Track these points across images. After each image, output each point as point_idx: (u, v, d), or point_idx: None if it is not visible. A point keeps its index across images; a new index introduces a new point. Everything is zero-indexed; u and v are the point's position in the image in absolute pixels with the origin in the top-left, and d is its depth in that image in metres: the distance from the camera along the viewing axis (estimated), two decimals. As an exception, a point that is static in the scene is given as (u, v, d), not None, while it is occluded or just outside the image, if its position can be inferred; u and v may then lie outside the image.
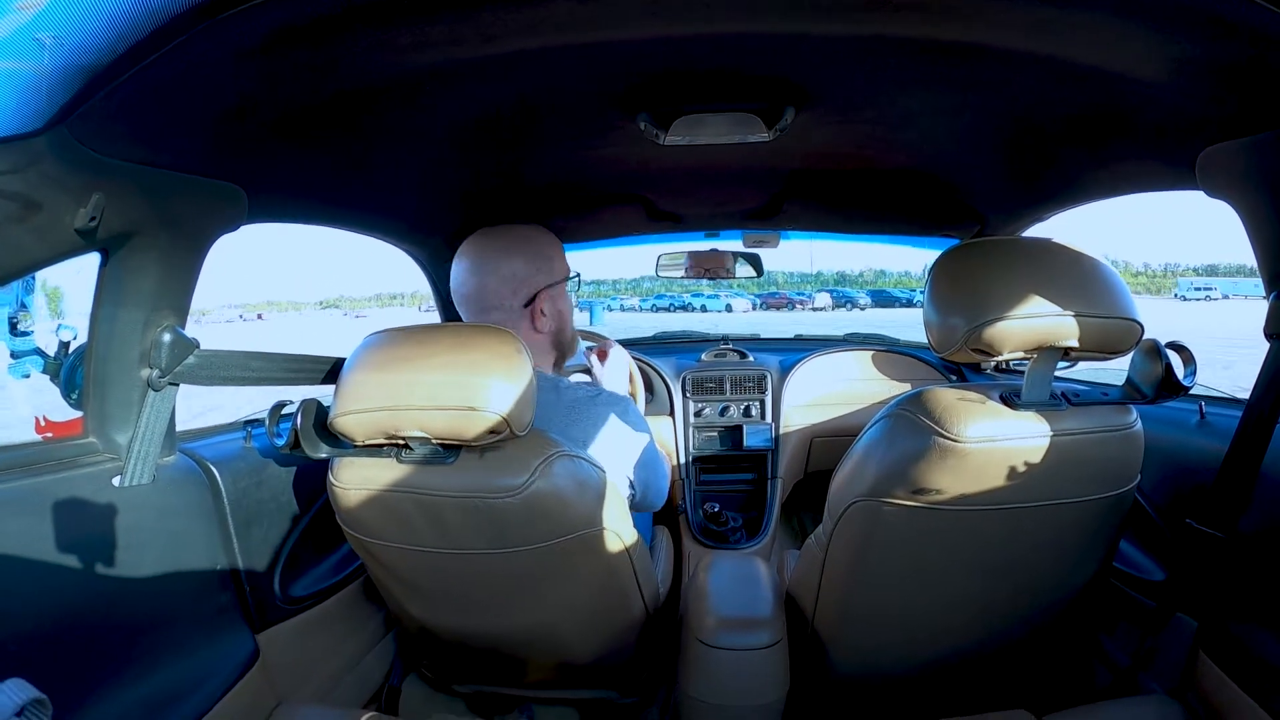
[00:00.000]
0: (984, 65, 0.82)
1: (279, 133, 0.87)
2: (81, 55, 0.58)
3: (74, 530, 0.81)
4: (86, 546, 0.82)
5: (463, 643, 1.03)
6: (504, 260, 1.04)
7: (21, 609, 0.74)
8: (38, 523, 0.78)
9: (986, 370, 1.90)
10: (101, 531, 0.85)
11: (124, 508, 0.88)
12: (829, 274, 40.38)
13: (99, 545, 0.84)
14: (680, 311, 30.70)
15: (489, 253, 1.05)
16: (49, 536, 0.78)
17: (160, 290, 0.91)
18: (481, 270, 1.04)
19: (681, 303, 31.50)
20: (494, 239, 1.06)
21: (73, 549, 0.80)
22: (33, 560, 0.76)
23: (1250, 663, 0.90)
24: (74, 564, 0.80)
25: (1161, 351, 0.82)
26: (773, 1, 0.66)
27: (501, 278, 1.04)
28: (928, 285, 0.83)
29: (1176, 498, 1.08)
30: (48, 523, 0.79)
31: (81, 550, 0.81)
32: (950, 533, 0.84)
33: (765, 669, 0.97)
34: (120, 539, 0.86)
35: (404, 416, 0.77)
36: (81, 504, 0.84)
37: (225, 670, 0.96)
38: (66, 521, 0.81)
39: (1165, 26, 0.63)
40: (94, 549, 0.83)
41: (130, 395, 0.92)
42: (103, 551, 0.84)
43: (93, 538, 0.84)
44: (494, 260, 1.04)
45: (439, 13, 0.61)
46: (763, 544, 1.93)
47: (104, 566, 0.84)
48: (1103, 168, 1.20)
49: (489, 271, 1.04)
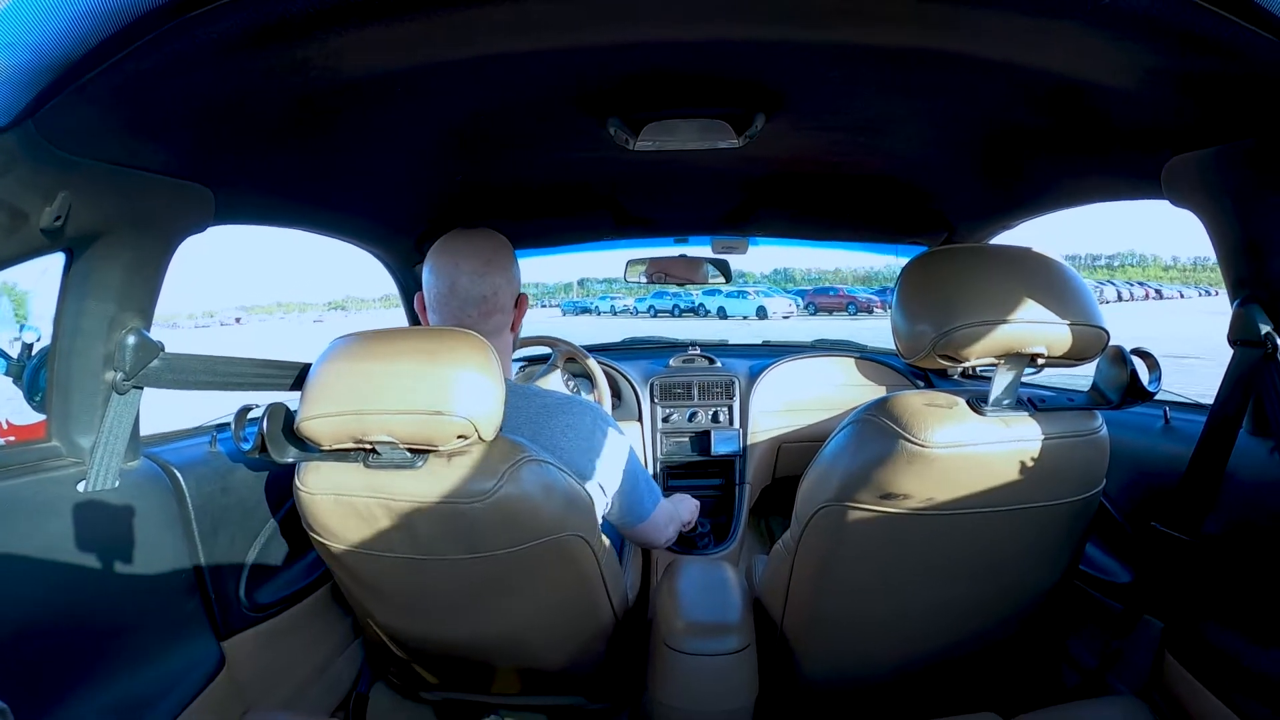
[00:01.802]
0: (954, 74, 0.82)
1: (248, 133, 0.87)
2: (47, 52, 0.57)
3: (36, 536, 0.80)
4: (49, 552, 0.81)
5: (430, 650, 1.02)
6: (506, 263, 1.04)
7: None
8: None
9: (953, 376, 1.91)
10: (64, 537, 0.83)
11: (88, 513, 0.86)
12: (846, 271, 33.81)
13: (61, 551, 0.83)
14: (687, 315, 23.52)
15: (498, 255, 1.03)
16: (10, 542, 0.77)
17: (126, 292, 0.90)
18: (490, 272, 1.02)
19: (689, 303, 23.83)
20: (484, 239, 1.05)
21: (35, 555, 0.79)
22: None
23: (1216, 662, 0.91)
24: (36, 570, 0.79)
25: (1127, 358, 0.83)
26: (745, 8, 0.66)
27: (507, 279, 1.04)
28: (896, 292, 0.84)
29: (1142, 501, 1.09)
30: (9, 528, 0.77)
31: (44, 556, 0.80)
32: (917, 537, 0.84)
33: (734, 674, 0.96)
34: (83, 545, 0.85)
35: (371, 421, 0.76)
36: (44, 509, 0.82)
37: (190, 679, 0.94)
38: (28, 527, 0.79)
39: (1134, 38, 0.64)
40: (56, 555, 0.82)
41: (94, 398, 0.91)
42: (65, 558, 0.83)
43: (55, 544, 0.82)
44: (500, 262, 1.03)
45: (410, 13, 0.61)
46: (731, 549, 1.93)
47: (66, 573, 0.82)
48: (1070, 176, 1.21)
49: (498, 273, 1.02)
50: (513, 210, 1.55)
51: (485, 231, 1.05)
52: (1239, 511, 0.94)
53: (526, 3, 0.62)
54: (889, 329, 0.86)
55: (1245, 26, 0.61)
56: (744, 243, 2.02)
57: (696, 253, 2.16)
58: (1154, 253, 46.06)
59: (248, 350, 1.17)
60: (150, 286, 0.93)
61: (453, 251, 1.02)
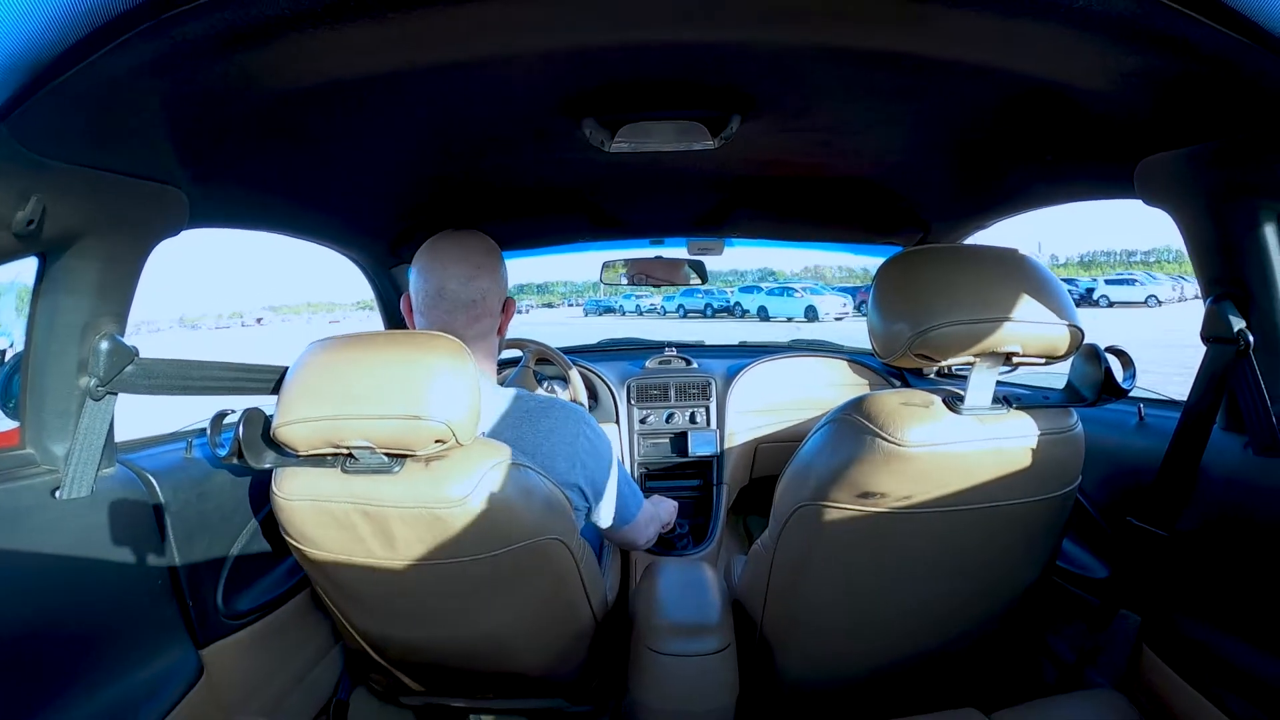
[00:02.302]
0: (930, 75, 0.83)
1: (222, 135, 0.86)
2: (20, 54, 0.57)
3: (10, 545, 0.78)
4: (24, 561, 0.80)
5: (410, 655, 1.02)
6: (495, 266, 1.03)
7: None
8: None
9: (929, 375, 1.93)
10: (38, 546, 0.82)
11: (63, 521, 0.85)
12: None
13: (36, 561, 0.81)
14: (721, 316, 21.66)
15: (487, 259, 1.03)
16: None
17: (100, 296, 0.89)
18: (479, 276, 1.01)
19: (724, 303, 22.04)
20: (474, 242, 1.04)
21: (9, 564, 0.78)
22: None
23: (1192, 655, 0.92)
24: (10, 579, 0.78)
25: (1101, 356, 0.84)
26: (720, 11, 0.66)
27: (495, 283, 1.03)
28: (872, 292, 0.84)
29: (1118, 497, 1.10)
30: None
31: (18, 565, 0.79)
32: (895, 536, 0.85)
33: (714, 674, 0.97)
34: (59, 554, 0.84)
35: (347, 426, 0.76)
36: (19, 518, 0.81)
37: (169, 688, 0.93)
38: (1, 536, 0.78)
39: (1106, 40, 0.65)
40: (31, 564, 0.81)
41: (69, 405, 0.90)
42: (40, 567, 0.82)
43: (30, 553, 0.81)
44: (489, 266, 1.02)
45: (385, 15, 0.61)
46: (709, 550, 1.94)
47: (41, 582, 0.81)
48: (1044, 177, 1.22)
49: (487, 276, 1.02)
50: (488, 212, 1.55)
51: (474, 234, 1.05)
52: (1213, 506, 0.95)
53: (501, 5, 0.62)
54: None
55: (1215, 27, 0.62)
56: (720, 244, 2.03)
57: (673, 254, 2.16)
58: (1179, 247, 46.17)
59: (248, 353, 1.16)
60: (124, 290, 0.92)
61: (441, 254, 1.01)
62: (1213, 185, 0.90)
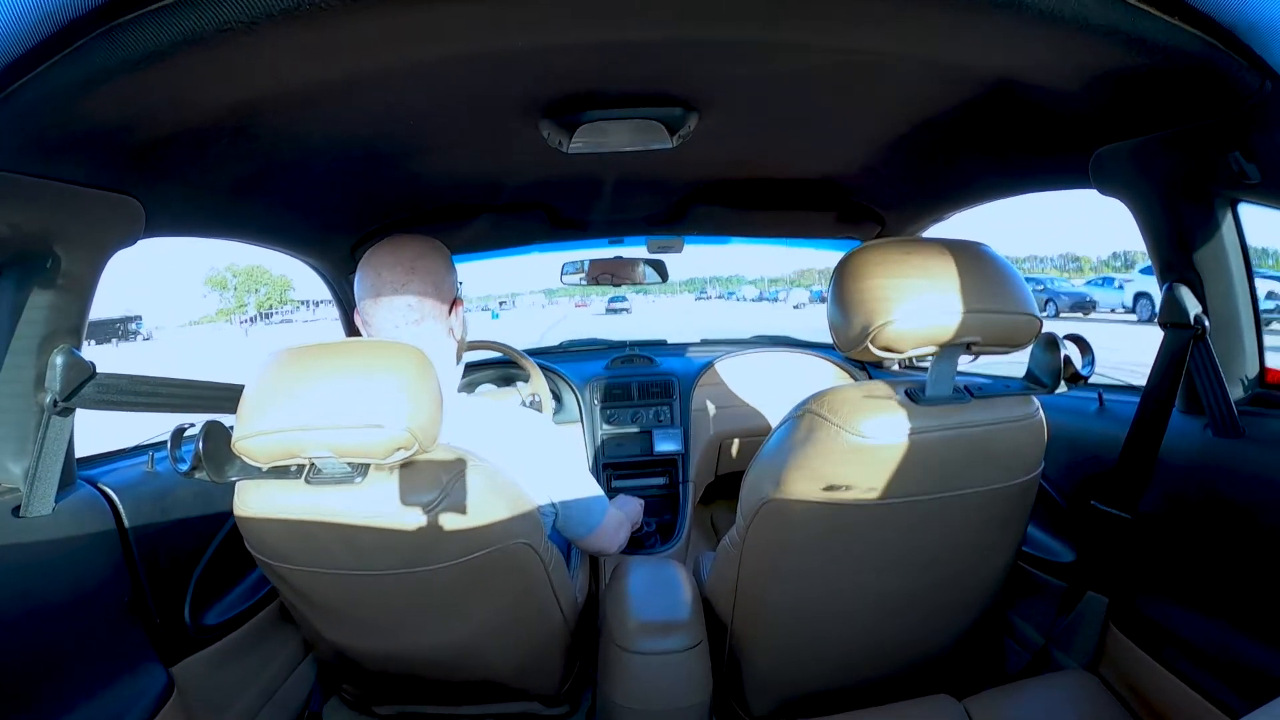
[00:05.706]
0: (883, 70, 0.84)
1: (177, 143, 0.85)
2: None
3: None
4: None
5: (381, 664, 1.01)
6: (433, 267, 1.01)
7: None
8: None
9: (891, 368, 1.96)
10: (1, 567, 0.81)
11: (24, 541, 0.83)
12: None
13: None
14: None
15: (422, 261, 1.00)
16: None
17: (55, 309, 0.87)
18: (413, 279, 0.99)
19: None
20: (412, 245, 1.02)
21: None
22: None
23: (1158, 633, 0.94)
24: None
25: (1059, 343, 0.85)
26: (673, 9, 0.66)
27: (434, 284, 1.00)
28: (831, 287, 0.85)
29: (1081, 482, 1.12)
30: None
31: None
32: (862, 527, 0.85)
33: (686, 672, 0.97)
34: (21, 574, 0.82)
35: (308, 436, 0.74)
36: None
37: (139, 707, 0.92)
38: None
39: (1060, 34, 0.66)
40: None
41: (26, 422, 0.88)
42: (3, 588, 0.80)
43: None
44: (424, 267, 1.00)
45: (341, 18, 0.60)
46: (677, 547, 1.95)
47: (4, 603, 0.80)
48: (999, 169, 1.24)
49: (423, 278, 1.00)
50: (447, 214, 1.54)
51: (411, 237, 1.03)
52: (1174, 487, 0.97)
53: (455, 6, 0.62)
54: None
55: (1167, 20, 0.63)
56: (679, 241, 2.03)
57: (633, 253, 2.16)
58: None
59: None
60: (80, 303, 0.91)
61: (376, 262, 0.99)
62: (1165, 174, 0.92)
